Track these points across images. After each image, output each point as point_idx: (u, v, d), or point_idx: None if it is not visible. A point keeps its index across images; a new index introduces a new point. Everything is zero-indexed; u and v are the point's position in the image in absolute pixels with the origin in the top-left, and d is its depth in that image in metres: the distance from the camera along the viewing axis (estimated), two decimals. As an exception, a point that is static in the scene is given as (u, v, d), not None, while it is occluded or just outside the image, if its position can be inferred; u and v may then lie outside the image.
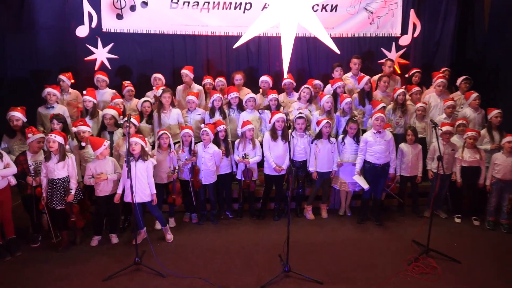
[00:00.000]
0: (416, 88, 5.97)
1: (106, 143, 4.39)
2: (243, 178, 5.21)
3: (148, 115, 5.38)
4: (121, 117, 5.05)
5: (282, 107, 5.67)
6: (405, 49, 6.88)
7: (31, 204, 4.50)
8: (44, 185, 4.35)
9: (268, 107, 5.61)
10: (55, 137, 4.19)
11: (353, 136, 5.24)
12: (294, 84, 6.01)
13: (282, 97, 6.09)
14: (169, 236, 4.79)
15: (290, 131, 5.28)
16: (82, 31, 6.38)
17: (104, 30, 6.44)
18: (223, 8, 6.50)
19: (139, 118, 4.93)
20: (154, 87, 5.78)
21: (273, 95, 5.57)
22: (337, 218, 5.45)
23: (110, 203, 4.57)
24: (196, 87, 6.05)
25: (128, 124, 3.99)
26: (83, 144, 4.62)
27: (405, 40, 6.86)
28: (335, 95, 5.73)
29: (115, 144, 4.85)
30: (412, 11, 6.71)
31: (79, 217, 4.51)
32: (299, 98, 5.78)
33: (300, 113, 5.19)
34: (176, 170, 4.88)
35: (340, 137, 5.36)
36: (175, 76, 6.57)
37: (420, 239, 4.57)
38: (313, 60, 6.91)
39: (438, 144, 4.52)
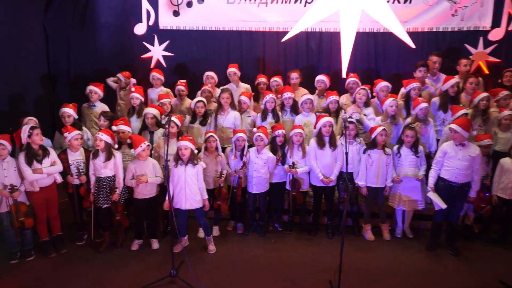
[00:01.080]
0: (505, 92, 4.95)
1: (144, 144, 4.15)
2: (290, 189, 4.70)
3: (202, 116, 5.08)
4: (162, 116, 4.83)
5: (343, 110, 5.05)
6: (496, 45, 5.79)
7: (73, 202, 4.47)
8: (92, 182, 4.26)
9: (327, 110, 5.03)
10: (102, 135, 4.08)
11: (410, 146, 4.48)
12: (360, 84, 5.33)
13: (344, 98, 5.48)
14: (212, 247, 4.45)
15: (338, 137, 4.68)
16: (139, 29, 6.35)
17: (160, 27, 6.34)
18: (282, 2, 6.03)
19: (181, 118, 4.65)
20: (209, 85, 5.50)
21: (333, 97, 4.96)
22: (402, 242, 4.68)
23: (149, 206, 4.38)
24: (243, 86, 5.67)
25: (167, 126, 3.70)
26: (115, 146, 4.43)
27: (496, 34, 5.76)
28: (408, 98, 4.97)
29: (155, 145, 4.64)
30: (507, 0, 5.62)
31: (123, 216, 4.38)
32: (354, 101, 5.12)
33: (350, 117, 4.53)
34: (222, 175, 4.54)
35: (395, 147, 4.62)
36: (226, 76, 6.25)
37: (509, 280, 3.68)
38: (381, 59, 6.13)
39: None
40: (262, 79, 5.65)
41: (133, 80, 5.81)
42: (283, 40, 3.78)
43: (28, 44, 6.11)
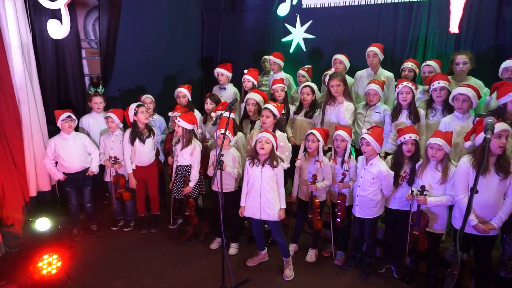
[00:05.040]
0: None
1: (219, 131, 3.51)
2: (412, 224, 3.17)
3: (310, 106, 4.14)
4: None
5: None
6: None
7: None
8: (174, 168, 4.04)
9: (499, 113, 3.15)
10: (178, 121, 3.74)
11: None
12: None
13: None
14: (289, 273, 3.53)
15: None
16: (283, 10, 5.76)
17: (304, 6, 5.57)
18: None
19: (281, 108, 3.77)
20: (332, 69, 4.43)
21: None
22: None
23: (227, 203, 3.80)
24: (383, 74, 4.24)
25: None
26: (199, 131, 3.97)
27: None
28: None
29: (248, 136, 3.96)
30: None
31: (192, 213, 3.99)
32: None
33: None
34: (317, 181, 3.50)
35: None
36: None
37: None
38: None
39: None
40: (408, 64, 4.11)
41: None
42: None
43: (187, 31, 6.52)
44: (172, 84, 6.27)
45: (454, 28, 3.62)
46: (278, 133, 3.65)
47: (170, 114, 4.19)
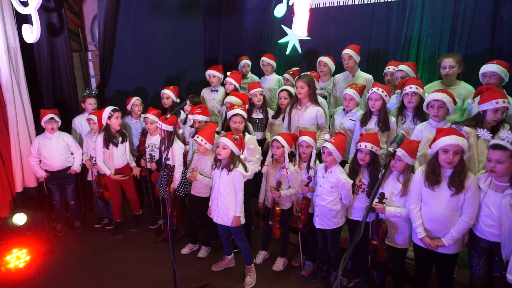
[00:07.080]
0: None
1: (203, 140, 3.51)
2: (370, 235, 2.98)
3: (284, 109, 4.02)
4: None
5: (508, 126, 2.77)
6: None
7: (147, 187, 4.42)
8: (154, 168, 4.09)
9: (478, 120, 2.88)
10: (160, 124, 3.75)
11: None
12: None
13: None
14: (249, 280, 3.45)
15: (482, 171, 2.58)
16: (279, 11, 5.59)
17: (299, 6, 5.42)
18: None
19: (245, 109, 3.68)
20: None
21: (500, 101, 2.76)
22: None
23: (202, 208, 3.78)
24: (362, 76, 4.04)
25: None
26: (180, 132, 3.96)
27: None
28: None
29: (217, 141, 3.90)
30: None
31: (174, 212, 4.02)
32: None
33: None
34: (281, 188, 3.41)
35: None
36: (368, 61, 4.70)
37: None
38: None
39: None
40: (390, 68, 3.88)
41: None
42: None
43: (190, 33, 6.56)
44: (170, 85, 6.35)
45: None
46: (247, 136, 3.60)
47: (143, 115, 4.23)
